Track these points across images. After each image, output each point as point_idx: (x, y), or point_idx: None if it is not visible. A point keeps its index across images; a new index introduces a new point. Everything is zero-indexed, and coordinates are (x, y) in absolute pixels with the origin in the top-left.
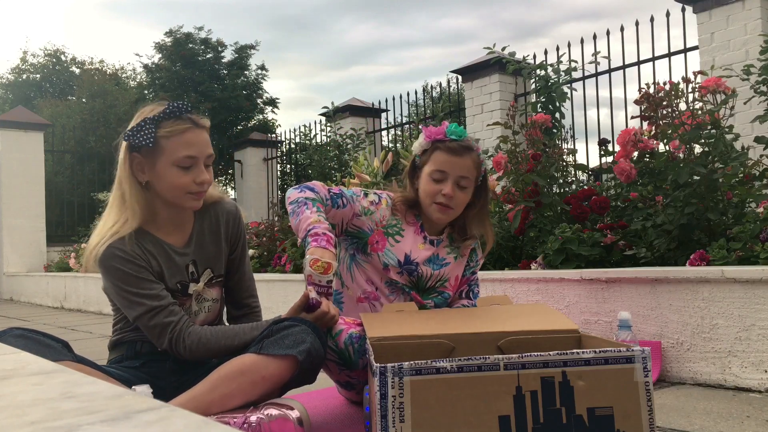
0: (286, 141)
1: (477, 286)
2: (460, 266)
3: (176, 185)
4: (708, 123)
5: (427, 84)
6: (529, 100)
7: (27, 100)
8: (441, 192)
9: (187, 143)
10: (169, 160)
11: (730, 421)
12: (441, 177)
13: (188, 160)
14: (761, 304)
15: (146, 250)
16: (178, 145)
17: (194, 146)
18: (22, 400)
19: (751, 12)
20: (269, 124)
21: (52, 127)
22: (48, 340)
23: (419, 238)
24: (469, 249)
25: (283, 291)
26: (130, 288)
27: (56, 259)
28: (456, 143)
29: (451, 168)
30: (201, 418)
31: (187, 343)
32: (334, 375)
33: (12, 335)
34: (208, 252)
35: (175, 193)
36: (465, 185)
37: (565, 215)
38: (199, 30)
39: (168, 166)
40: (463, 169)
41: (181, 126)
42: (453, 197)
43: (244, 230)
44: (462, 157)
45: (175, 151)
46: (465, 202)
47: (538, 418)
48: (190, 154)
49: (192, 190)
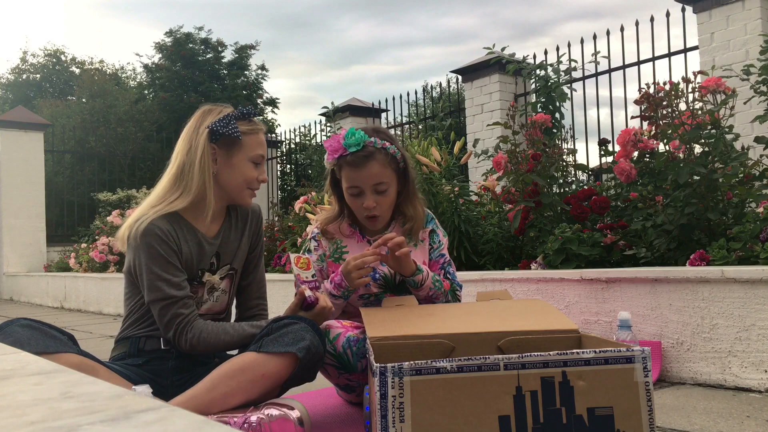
0: (286, 141)
1: (451, 266)
2: (422, 251)
3: (247, 179)
4: (708, 123)
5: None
6: (529, 100)
7: (27, 100)
8: (363, 206)
9: (261, 143)
10: (247, 155)
11: (730, 421)
12: (357, 192)
13: (260, 158)
14: (761, 304)
15: (181, 234)
16: (255, 144)
17: (264, 146)
18: (22, 400)
19: (751, 12)
20: (269, 124)
21: (52, 127)
22: (54, 331)
23: (363, 244)
24: (427, 232)
25: (283, 291)
26: (156, 269)
27: (56, 259)
28: (354, 156)
29: (362, 181)
30: (201, 418)
31: (188, 336)
32: (333, 379)
33: (18, 324)
34: (232, 246)
35: (242, 186)
36: (383, 189)
37: (565, 215)
38: (199, 30)
39: (244, 161)
40: (373, 176)
41: (257, 126)
42: (376, 206)
43: (263, 231)
44: (366, 167)
45: (252, 149)
46: (391, 201)
47: (538, 418)
48: (263, 153)
49: (253, 186)
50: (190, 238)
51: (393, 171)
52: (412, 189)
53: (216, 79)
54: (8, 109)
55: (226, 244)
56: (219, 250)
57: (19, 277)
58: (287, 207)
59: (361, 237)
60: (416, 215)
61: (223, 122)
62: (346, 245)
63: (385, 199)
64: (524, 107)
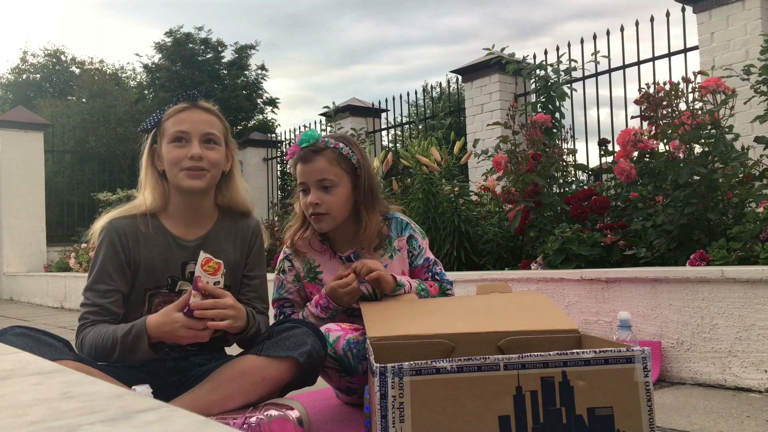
0: (286, 141)
1: (437, 265)
2: (401, 261)
3: (170, 161)
4: (708, 123)
5: (427, 84)
6: (529, 100)
7: (27, 100)
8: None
9: (180, 120)
10: (167, 139)
11: (730, 421)
12: (303, 188)
13: (179, 134)
14: (761, 304)
15: (143, 236)
16: (172, 123)
17: (186, 122)
18: (22, 400)
19: (751, 12)
20: (269, 124)
21: (52, 127)
22: (49, 338)
23: (335, 262)
24: (404, 240)
25: None
26: (95, 267)
27: (56, 259)
28: (304, 150)
29: (308, 176)
30: (201, 418)
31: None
32: (334, 382)
33: (13, 333)
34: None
35: (172, 171)
36: (328, 185)
37: (565, 215)
38: (199, 30)
39: (166, 146)
40: (318, 172)
41: (178, 107)
42: (320, 203)
43: (261, 247)
44: (312, 161)
45: (170, 130)
46: (340, 202)
47: (538, 418)
48: (180, 129)
49: (185, 165)
50: (159, 239)
51: (343, 171)
52: (367, 196)
53: (216, 79)
54: (8, 109)
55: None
56: None
57: (19, 277)
58: (287, 207)
59: (332, 254)
60: (368, 225)
61: (149, 118)
62: (319, 264)
63: (331, 198)
64: (524, 107)
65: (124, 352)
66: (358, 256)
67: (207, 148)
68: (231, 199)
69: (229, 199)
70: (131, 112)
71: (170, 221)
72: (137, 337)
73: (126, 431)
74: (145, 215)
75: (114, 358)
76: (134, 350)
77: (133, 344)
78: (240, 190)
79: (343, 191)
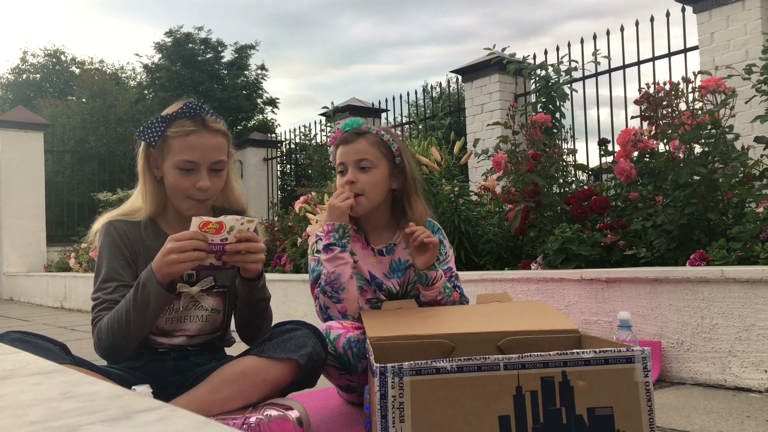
0: (286, 141)
1: (457, 280)
2: None
3: (175, 188)
4: (708, 123)
5: (427, 84)
6: (529, 100)
7: (27, 100)
8: (344, 180)
9: (189, 146)
10: (172, 161)
11: (730, 421)
12: (342, 168)
13: (187, 164)
14: (761, 304)
15: (145, 237)
16: (180, 148)
17: (196, 150)
18: (22, 400)
19: (751, 12)
20: (269, 124)
21: (52, 127)
22: (46, 343)
23: (368, 252)
24: None
25: (283, 291)
26: (102, 267)
27: (56, 259)
28: (347, 133)
29: (347, 156)
30: (201, 418)
31: (95, 336)
32: (334, 380)
33: (9, 339)
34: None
35: (176, 195)
36: (366, 165)
37: (565, 215)
38: (199, 30)
39: (170, 168)
40: (358, 152)
41: (187, 128)
42: (356, 182)
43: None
44: (353, 143)
45: (177, 153)
46: (376, 184)
47: (538, 418)
48: (189, 158)
49: (192, 195)
50: (157, 241)
51: (382, 155)
52: (410, 188)
53: (216, 79)
54: (8, 109)
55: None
56: None
57: (19, 277)
58: (287, 207)
59: (365, 243)
60: (413, 216)
61: (147, 125)
62: (354, 248)
63: (366, 178)
64: (524, 107)
65: (140, 311)
66: (391, 250)
67: (214, 176)
68: (227, 199)
69: (225, 199)
70: (131, 112)
71: (168, 225)
72: (145, 284)
73: (126, 431)
74: (144, 220)
75: (132, 327)
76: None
77: (144, 295)
78: (236, 190)
79: (380, 174)
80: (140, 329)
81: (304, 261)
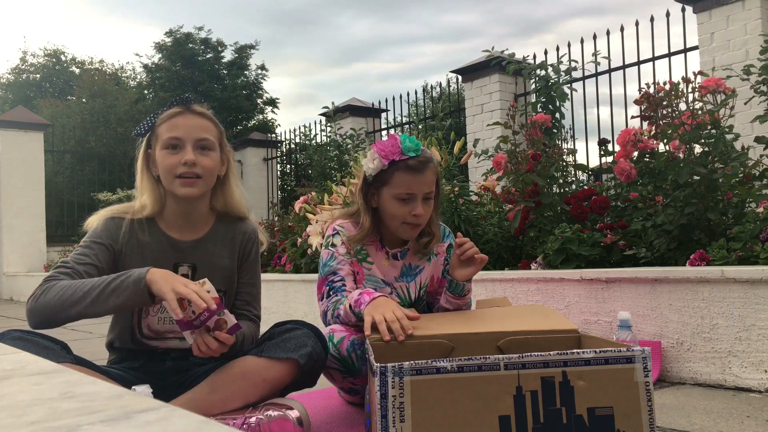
0: (286, 141)
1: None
2: (436, 266)
3: (164, 167)
4: (708, 123)
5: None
6: (529, 100)
7: (27, 100)
8: (411, 213)
9: (174, 126)
10: (160, 144)
11: (730, 421)
12: (408, 197)
13: (173, 140)
14: (761, 304)
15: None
16: (166, 129)
17: (180, 128)
18: (22, 400)
19: (751, 12)
20: (269, 123)
21: (52, 127)
22: (46, 341)
23: (381, 254)
24: (444, 247)
25: (283, 291)
26: (85, 243)
27: (56, 259)
28: (415, 160)
29: (418, 187)
30: (201, 418)
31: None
32: (337, 383)
33: (10, 337)
34: (212, 261)
35: (167, 177)
36: (429, 196)
37: (565, 215)
38: (199, 30)
39: (160, 152)
40: (428, 184)
41: (171, 112)
42: (424, 215)
43: (257, 254)
44: (424, 173)
45: (163, 135)
46: (430, 212)
47: (538, 418)
48: (173, 135)
49: (179, 172)
50: (153, 239)
51: (436, 183)
52: (438, 205)
53: (216, 79)
54: (8, 109)
55: (205, 257)
56: (196, 262)
57: (19, 277)
58: (287, 207)
59: (380, 246)
60: (437, 233)
61: (143, 123)
62: (367, 250)
63: (429, 210)
64: (524, 107)
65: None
66: (405, 254)
67: (201, 154)
68: (226, 203)
69: (225, 203)
70: (131, 112)
71: (166, 225)
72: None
73: (126, 431)
74: (142, 218)
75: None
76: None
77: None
78: (235, 194)
79: (434, 202)
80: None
81: (304, 261)
